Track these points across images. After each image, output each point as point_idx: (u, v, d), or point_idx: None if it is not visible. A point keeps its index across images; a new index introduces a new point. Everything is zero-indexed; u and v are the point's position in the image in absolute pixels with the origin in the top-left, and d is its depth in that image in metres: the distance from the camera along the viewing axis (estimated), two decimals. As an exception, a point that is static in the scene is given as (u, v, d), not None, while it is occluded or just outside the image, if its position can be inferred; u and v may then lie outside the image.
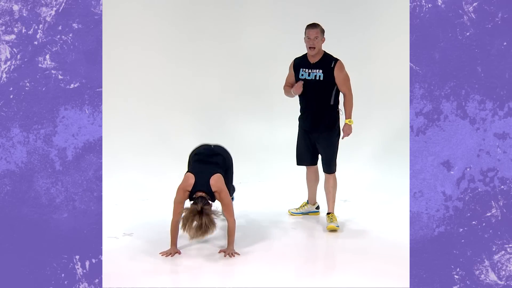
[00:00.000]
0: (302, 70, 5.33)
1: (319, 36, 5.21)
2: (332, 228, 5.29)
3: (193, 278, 4.42)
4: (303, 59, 5.38)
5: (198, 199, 4.55)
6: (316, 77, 5.26)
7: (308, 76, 5.29)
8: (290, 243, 5.10)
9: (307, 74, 5.30)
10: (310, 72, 5.28)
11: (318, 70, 5.25)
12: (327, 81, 5.24)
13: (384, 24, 7.50)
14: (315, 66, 5.28)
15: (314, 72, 5.27)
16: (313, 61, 5.29)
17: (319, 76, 5.24)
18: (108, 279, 4.04)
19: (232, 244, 4.75)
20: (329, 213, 5.45)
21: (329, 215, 5.42)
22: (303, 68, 5.33)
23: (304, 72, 5.32)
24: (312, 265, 4.72)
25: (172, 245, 4.71)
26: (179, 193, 4.64)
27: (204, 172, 4.70)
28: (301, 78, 5.32)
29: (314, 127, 5.39)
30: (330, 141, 5.39)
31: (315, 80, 5.27)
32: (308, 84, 5.30)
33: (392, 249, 4.88)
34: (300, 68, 5.35)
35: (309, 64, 5.31)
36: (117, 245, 4.90)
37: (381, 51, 7.53)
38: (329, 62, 5.25)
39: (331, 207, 5.47)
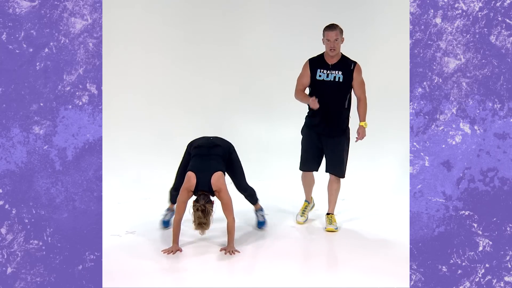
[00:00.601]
0: (320, 71, 5.22)
1: (339, 37, 5.13)
2: (331, 230, 5.31)
3: (192, 276, 4.44)
4: (320, 59, 5.27)
5: (200, 197, 4.70)
6: (335, 78, 5.18)
7: (327, 78, 5.20)
8: (290, 242, 5.11)
9: (325, 75, 5.20)
10: (329, 73, 5.19)
11: (338, 72, 5.18)
12: (345, 83, 5.18)
13: (384, 24, 7.49)
14: (334, 67, 5.20)
15: (333, 73, 5.19)
16: (332, 62, 5.21)
17: (338, 78, 5.17)
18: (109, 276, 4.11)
19: (232, 242, 4.83)
20: (329, 213, 5.44)
21: (329, 216, 5.42)
22: (320, 69, 5.22)
23: (322, 73, 5.21)
24: (312, 265, 4.72)
25: (174, 243, 4.80)
26: (183, 193, 4.77)
27: (204, 171, 4.79)
28: (318, 79, 5.21)
29: (327, 130, 5.28)
30: (342, 145, 5.33)
31: (334, 82, 5.18)
32: (325, 86, 5.20)
33: (392, 249, 4.89)
34: (317, 68, 5.23)
35: (327, 65, 5.21)
36: (120, 242, 4.98)
37: (381, 51, 7.52)
38: (349, 64, 5.21)
39: (331, 208, 5.47)
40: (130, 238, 5.10)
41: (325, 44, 5.18)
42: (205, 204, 4.64)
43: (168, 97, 7.41)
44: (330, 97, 5.18)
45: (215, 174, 4.77)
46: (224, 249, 4.81)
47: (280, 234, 5.28)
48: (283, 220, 5.68)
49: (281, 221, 5.65)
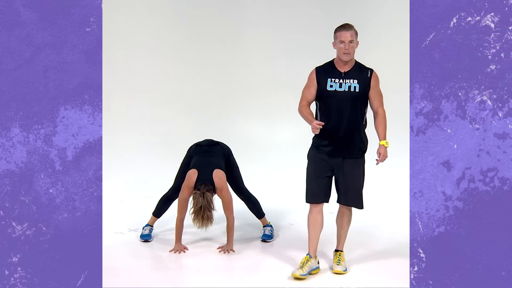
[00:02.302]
0: (331, 81, 4.37)
1: (354, 39, 4.33)
2: (338, 272, 4.48)
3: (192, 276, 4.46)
4: (330, 67, 4.43)
5: (201, 186, 4.70)
6: (350, 88, 4.35)
7: (340, 88, 4.35)
8: (289, 242, 5.11)
9: (338, 85, 4.36)
10: (342, 83, 4.36)
11: (353, 81, 4.35)
12: (363, 93, 4.36)
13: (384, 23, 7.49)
14: (347, 75, 4.37)
15: (347, 82, 4.35)
16: (344, 70, 4.38)
17: (354, 87, 4.34)
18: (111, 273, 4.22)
19: (231, 241, 4.86)
20: (337, 250, 4.60)
21: (337, 254, 4.57)
22: (331, 78, 4.38)
23: (333, 83, 4.37)
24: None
25: (177, 242, 4.86)
26: (184, 191, 4.79)
27: (206, 166, 4.82)
28: (329, 90, 4.36)
29: (341, 149, 4.41)
30: (360, 169, 4.47)
31: (349, 92, 4.34)
32: (338, 97, 4.35)
33: (392, 249, 4.88)
34: (327, 78, 4.39)
35: (339, 74, 4.37)
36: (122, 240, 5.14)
37: (381, 51, 7.52)
38: (365, 71, 4.40)
39: (341, 244, 4.60)
40: (133, 236, 5.22)
41: (337, 48, 4.35)
42: (205, 192, 4.65)
43: (168, 96, 7.42)
44: (345, 110, 4.36)
45: (217, 171, 4.80)
46: (221, 247, 4.86)
47: (279, 234, 5.29)
48: (282, 219, 5.69)
49: (280, 220, 5.65)
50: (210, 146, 5.05)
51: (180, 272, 4.63)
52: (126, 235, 5.24)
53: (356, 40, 4.35)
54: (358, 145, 4.43)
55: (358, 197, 4.49)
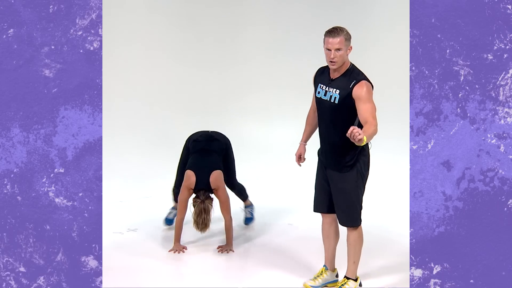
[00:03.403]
0: (320, 87, 4.03)
1: (342, 47, 3.84)
2: None
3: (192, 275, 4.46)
4: (326, 71, 4.06)
5: (200, 193, 4.75)
6: (331, 98, 3.96)
7: (324, 96, 3.99)
8: (289, 241, 5.11)
9: (324, 92, 4.00)
10: (327, 91, 3.98)
11: (335, 91, 3.93)
12: (341, 105, 3.91)
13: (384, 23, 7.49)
14: (333, 84, 3.97)
15: (330, 91, 3.97)
16: (334, 77, 3.98)
17: (334, 98, 3.93)
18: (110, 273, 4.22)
19: (230, 240, 4.88)
20: (345, 276, 4.23)
21: (343, 281, 4.21)
22: (321, 84, 4.02)
23: (321, 89, 4.02)
24: (311, 264, 4.72)
25: (176, 242, 4.87)
26: (184, 192, 4.82)
27: (203, 169, 4.83)
28: (317, 97, 4.05)
29: (327, 160, 4.10)
30: (346, 183, 4.03)
31: (329, 103, 3.97)
32: (322, 106, 4.03)
33: (392, 249, 4.89)
34: (318, 83, 4.06)
35: (329, 80, 4.00)
36: (122, 240, 5.14)
37: (381, 51, 7.52)
38: (350, 81, 3.91)
39: (350, 269, 4.19)
40: (132, 236, 5.23)
41: (325, 54, 3.92)
42: (205, 200, 4.69)
43: (168, 96, 7.42)
44: (328, 121, 4.02)
45: (214, 172, 4.80)
46: (220, 247, 4.87)
47: (277, 233, 5.30)
48: (281, 219, 5.69)
49: (280, 220, 5.65)
50: (208, 142, 5.03)
51: (179, 272, 4.64)
52: (125, 235, 5.24)
53: (347, 47, 3.89)
54: (339, 160, 4.00)
55: (348, 215, 4.07)
